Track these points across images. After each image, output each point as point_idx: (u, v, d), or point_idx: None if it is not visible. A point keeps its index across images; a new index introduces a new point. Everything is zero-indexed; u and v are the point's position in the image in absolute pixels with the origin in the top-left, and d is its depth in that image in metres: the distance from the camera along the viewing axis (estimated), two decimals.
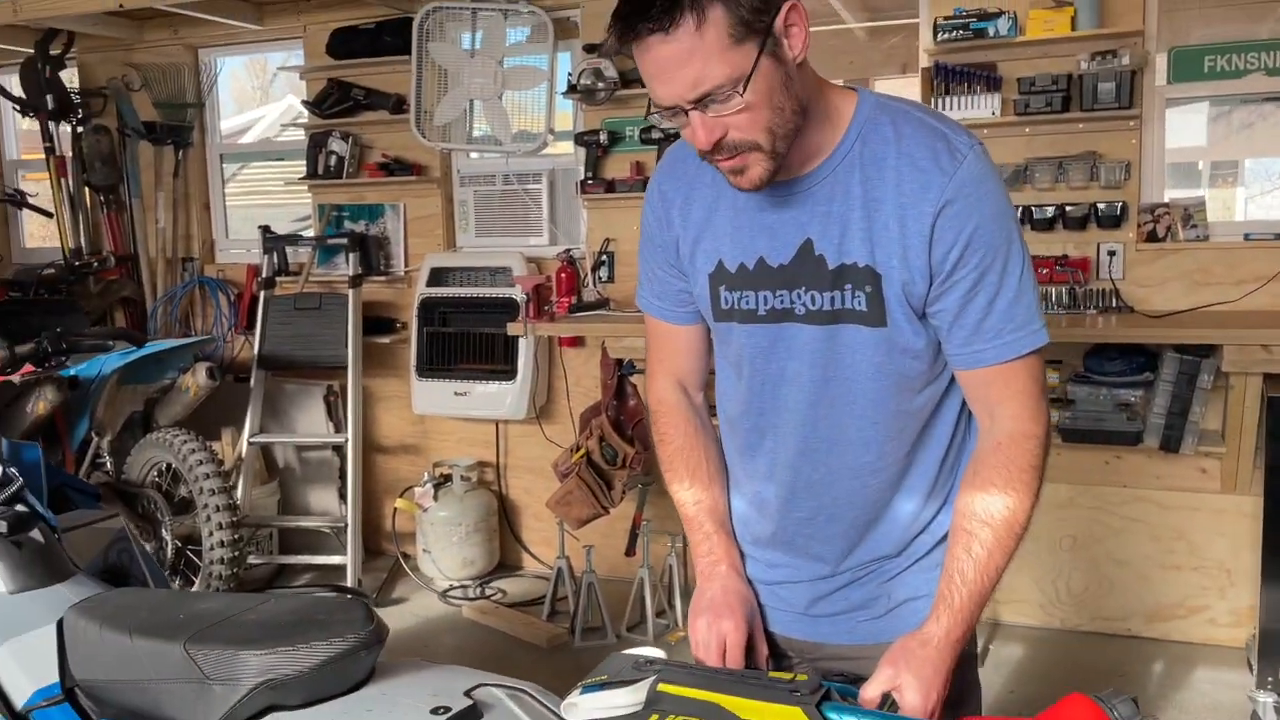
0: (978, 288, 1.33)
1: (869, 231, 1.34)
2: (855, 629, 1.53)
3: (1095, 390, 3.67)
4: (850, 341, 1.39)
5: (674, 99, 1.25)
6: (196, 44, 5.14)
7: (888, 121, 1.35)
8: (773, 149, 1.29)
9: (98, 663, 1.66)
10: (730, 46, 1.21)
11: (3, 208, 5.62)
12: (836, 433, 1.44)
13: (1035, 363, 1.38)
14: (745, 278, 1.43)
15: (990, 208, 1.33)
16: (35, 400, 3.89)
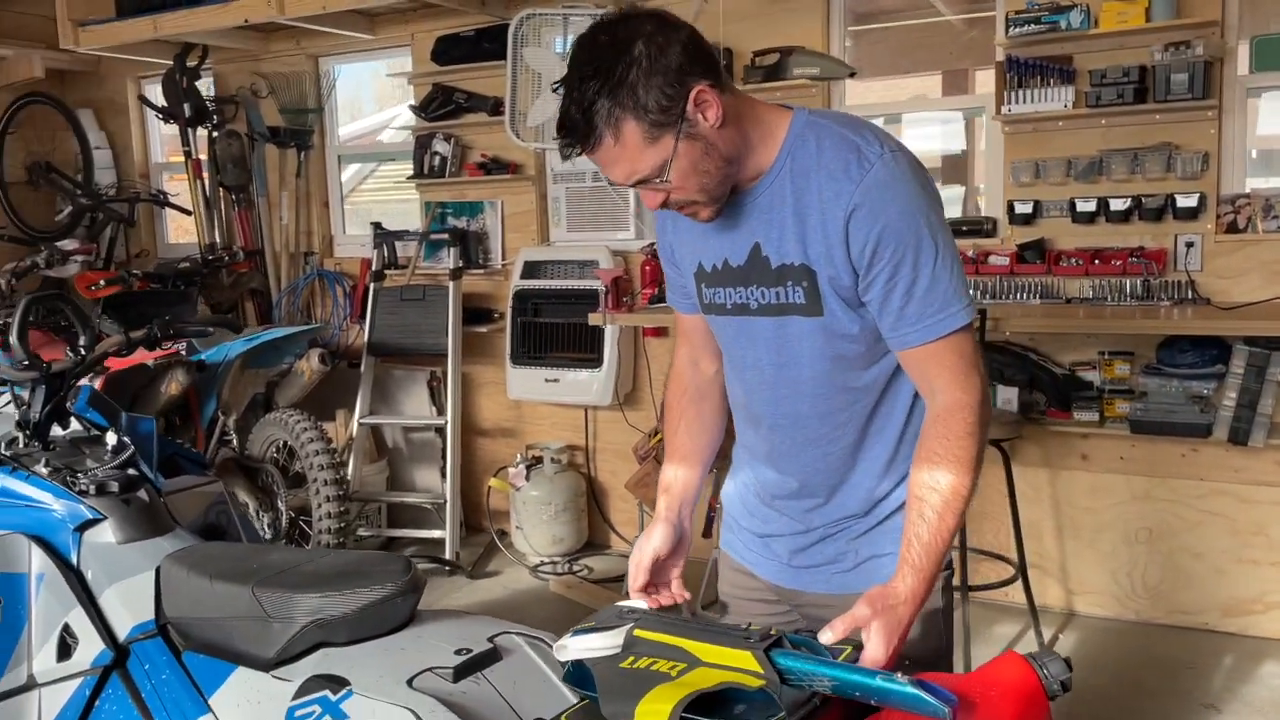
0: (895, 279, 1.50)
1: (801, 234, 1.54)
2: (829, 579, 1.73)
3: (1166, 382, 3.67)
4: (796, 331, 1.60)
5: (618, 182, 1.52)
6: (317, 53, 5.53)
7: (812, 138, 1.54)
8: (709, 199, 1.53)
9: (184, 602, 1.94)
10: (648, 146, 1.45)
11: (149, 207, 6.15)
12: (795, 409, 1.65)
13: (960, 339, 1.52)
14: (717, 276, 1.66)
15: (898, 208, 1.49)
16: (168, 382, 4.32)
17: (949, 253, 1.52)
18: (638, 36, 1.43)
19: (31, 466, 2.18)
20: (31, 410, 2.27)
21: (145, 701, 1.91)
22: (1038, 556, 4.07)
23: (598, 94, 1.41)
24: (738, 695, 1.32)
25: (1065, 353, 3.98)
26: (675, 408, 1.86)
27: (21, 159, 5.91)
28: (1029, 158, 3.96)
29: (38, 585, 2.04)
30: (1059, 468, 4.03)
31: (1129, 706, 3.37)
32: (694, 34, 1.48)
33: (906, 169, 1.51)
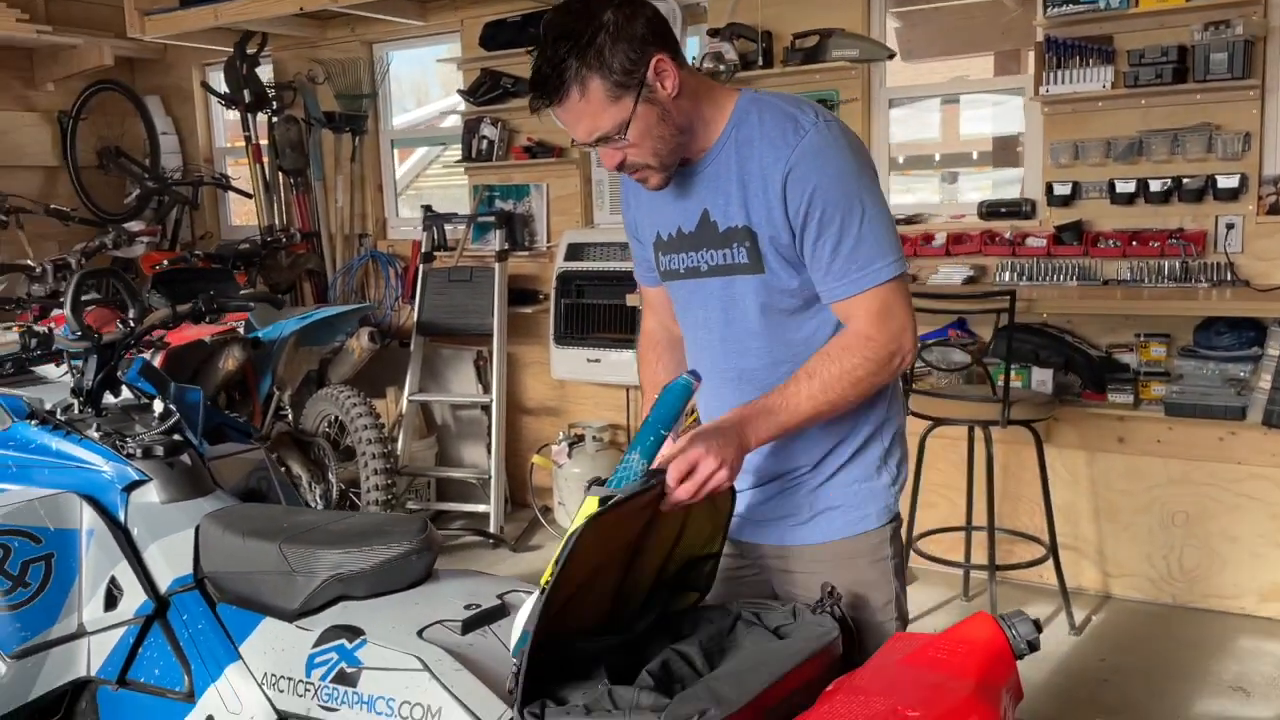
0: (824, 236, 1.65)
1: (744, 199, 1.69)
2: (784, 533, 1.84)
3: (1203, 364, 3.64)
4: (741, 288, 1.75)
5: (580, 140, 1.67)
6: (371, 40, 5.67)
7: (755, 111, 1.70)
8: (661, 165, 1.69)
9: (219, 557, 2.08)
10: (610, 104, 1.60)
11: (213, 190, 6.37)
12: (742, 363, 1.78)
13: (885, 292, 1.66)
14: (672, 243, 1.82)
15: (830, 171, 1.64)
16: (225, 358, 4.50)
17: (877, 212, 1.66)
18: (607, 7, 1.60)
19: (84, 431, 2.33)
20: (85, 378, 2.43)
21: (183, 649, 2.05)
22: (1073, 539, 4.07)
23: (568, 54, 1.57)
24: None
25: (1102, 335, 3.97)
26: (651, 353, 2.03)
27: (93, 144, 6.16)
28: (1068, 139, 3.94)
29: (88, 541, 2.19)
30: (1095, 450, 4.02)
31: (1159, 688, 3.38)
32: (657, 13, 1.65)
33: (839, 136, 1.66)
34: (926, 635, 1.53)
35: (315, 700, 1.80)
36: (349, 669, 1.78)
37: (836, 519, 1.79)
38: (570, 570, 1.44)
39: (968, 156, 7.28)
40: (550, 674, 1.48)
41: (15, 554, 2.12)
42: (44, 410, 2.41)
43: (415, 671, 1.70)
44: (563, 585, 1.44)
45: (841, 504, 1.79)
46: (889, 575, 1.82)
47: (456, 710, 1.64)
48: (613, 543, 1.54)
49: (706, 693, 1.40)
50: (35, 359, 2.60)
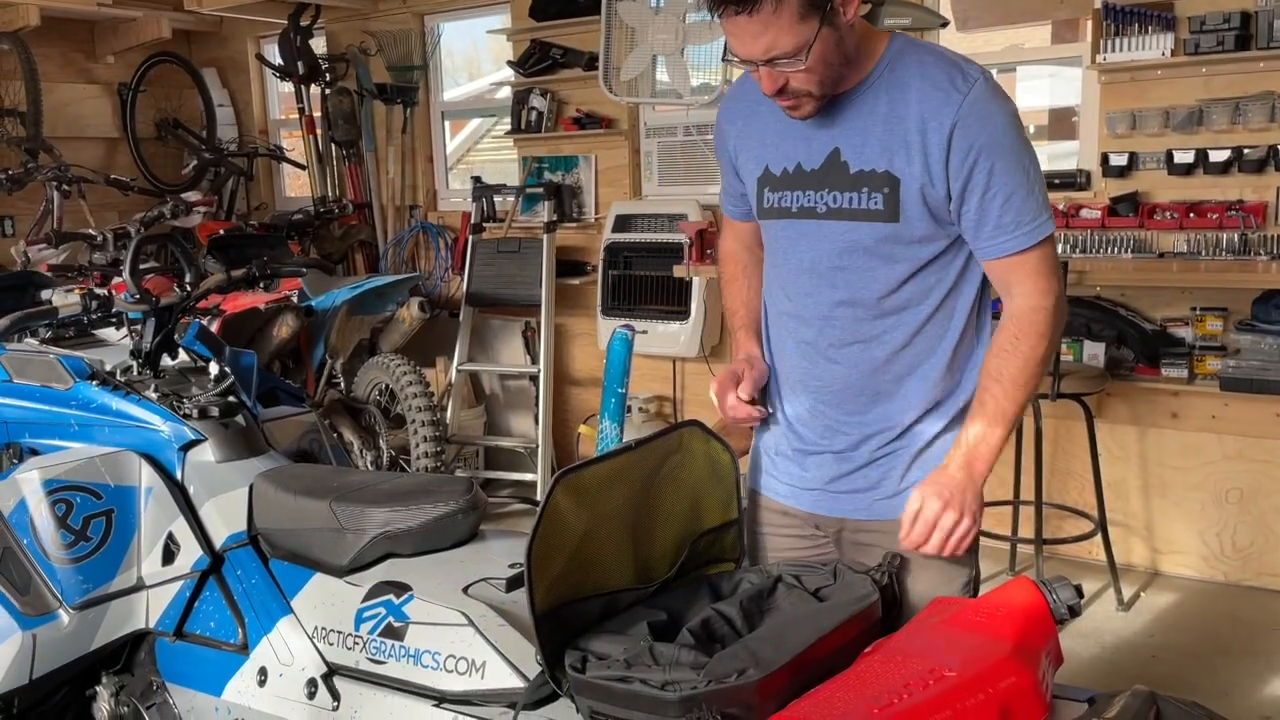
0: (992, 189, 1.60)
1: (889, 143, 1.62)
2: (871, 506, 1.78)
3: (1261, 339, 3.57)
4: (863, 235, 1.67)
5: (749, 57, 1.58)
6: (422, 11, 5.70)
7: (914, 54, 1.65)
8: (821, 94, 1.62)
9: (271, 515, 2.13)
10: (798, 22, 1.52)
11: (268, 162, 6.46)
12: (851, 310, 1.72)
13: (1046, 248, 1.64)
14: (785, 180, 1.74)
15: (998, 124, 1.59)
16: (279, 326, 4.59)
17: (1037, 170, 1.63)
18: None
19: (142, 391, 2.40)
20: (143, 341, 2.49)
21: (237, 602, 2.11)
22: (1124, 515, 4.03)
23: None
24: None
25: (1157, 308, 3.90)
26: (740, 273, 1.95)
27: (151, 115, 6.28)
28: (1125, 108, 3.87)
29: (147, 498, 2.26)
30: (1148, 425, 3.96)
31: (1210, 665, 3.34)
32: None
33: (1000, 92, 1.62)
34: (966, 599, 1.53)
35: (364, 653, 1.85)
36: (396, 623, 1.82)
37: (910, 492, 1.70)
38: (549, 533, 1.46)
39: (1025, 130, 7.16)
40: (591, 630, 1.51)
41: (77, 509, 2.20)
42: (104, 371, 2.48)
43: (460, 626, 1.74)
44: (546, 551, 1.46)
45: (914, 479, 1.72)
46: (970, 555, 1.75)
47: (499, 664, 1.68)
48: (602, 506, 1.55)
49: (746, 652, 1.42)
50: (96, 322, 2.68)
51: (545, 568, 1.46)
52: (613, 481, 1.57)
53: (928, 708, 1.28)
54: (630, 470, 1.60)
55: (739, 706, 1.37)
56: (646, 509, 1.63)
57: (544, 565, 1.46)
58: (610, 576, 1.60)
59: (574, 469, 1.51)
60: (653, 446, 1.63)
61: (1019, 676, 1.33)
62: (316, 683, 1.90)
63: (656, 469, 1.63)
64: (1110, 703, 1.37)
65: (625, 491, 1.59)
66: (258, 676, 2.01)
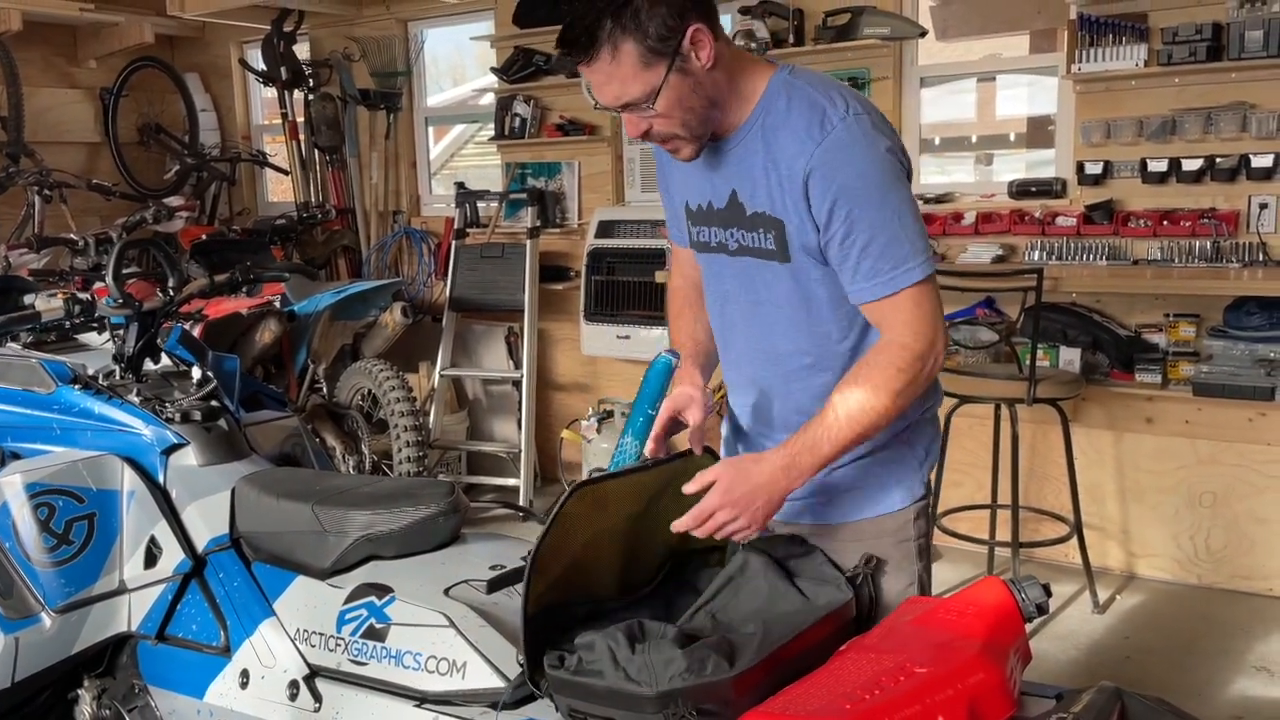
0: (851, 237, 1.58)
1: (769, 186, 1.63)
2: (815, 511, 1.81)
3: (1232, 345, 3.63)
4: (770, 274, 1.70)
5: (604, 104, 1.60)
6: (405, 18, 5.72)
7: (784, 97, 1.63)
8: (691, 135, 1.63)
9: (253, 518, 2.15)
10: (641, 70, 1.54)
11: (251, 166, 6.46)
12: (769, 344, 1.75)
13: (916, 293, 1.59)
14: (703, 215, 1.78)
15: (855, 169, 1.56)
16: (262, 331, 4.60)
17: (906, 210, 1.58)
18: None
19: (125, 395, 2.41)
20: (126, 345, 2.50)
21: (219, 605, 2.12)
22: (1099, 519, 4.08)
23: (603, 12, 1.52)
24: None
25: (1131, 314, 3.96)
26: (686, 308, 1.94)
27: (134, 120, 6.26)
28: (1100, 118, 3.93)
29: (129, 501, 2.27)
30: (1122, 429, 4.01)
31: (1181, 666, 3.39)
32: None
33: (868, 130, 1.58)
34: (937, 599, 1.56)
35: (345, 654, 1.87)
36: (378, 625, 1.84)
37: (862, 499, 1.76)
38: (557, 539, 1.49)
39: (1004, 138, 7.22)
40: (573, 632, 1.53)
41: (59, 513, 2.21)
42: (87, 375, 2.48)
43: (441, 628, 1.76)
44: (551, 556, 1.49)
45: (863, 485, 1.76)
46: (912, 556, 1.78)
47: (480, 664, 1.70)
48: (608, 520, 1.59)
49: (722, 649, 1.45)
50: (78, 326, 2.69)
51: (545, 571, 1.49)
52: (623, 496, 1.61)
53: (898, 703, 1.31)
54: (640, 487, 1.63)
55: (715, 702, 1.40)
56: (645, 524, 1.67)
57: (545, 569, 1.49)
58: (599, 585, 1.64)
59: (592, 481, 1.55)
60: (664, 468, 1.66)
61: (987, 673, 1.36)
62: (298, 684, 1.92)
63: (662, 489, 1.66)
64: (1077, 698, 1.40)
65: (631, 507, 1.63)
66: (240, 679, 2.02)
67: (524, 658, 1.49)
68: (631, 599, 1.68)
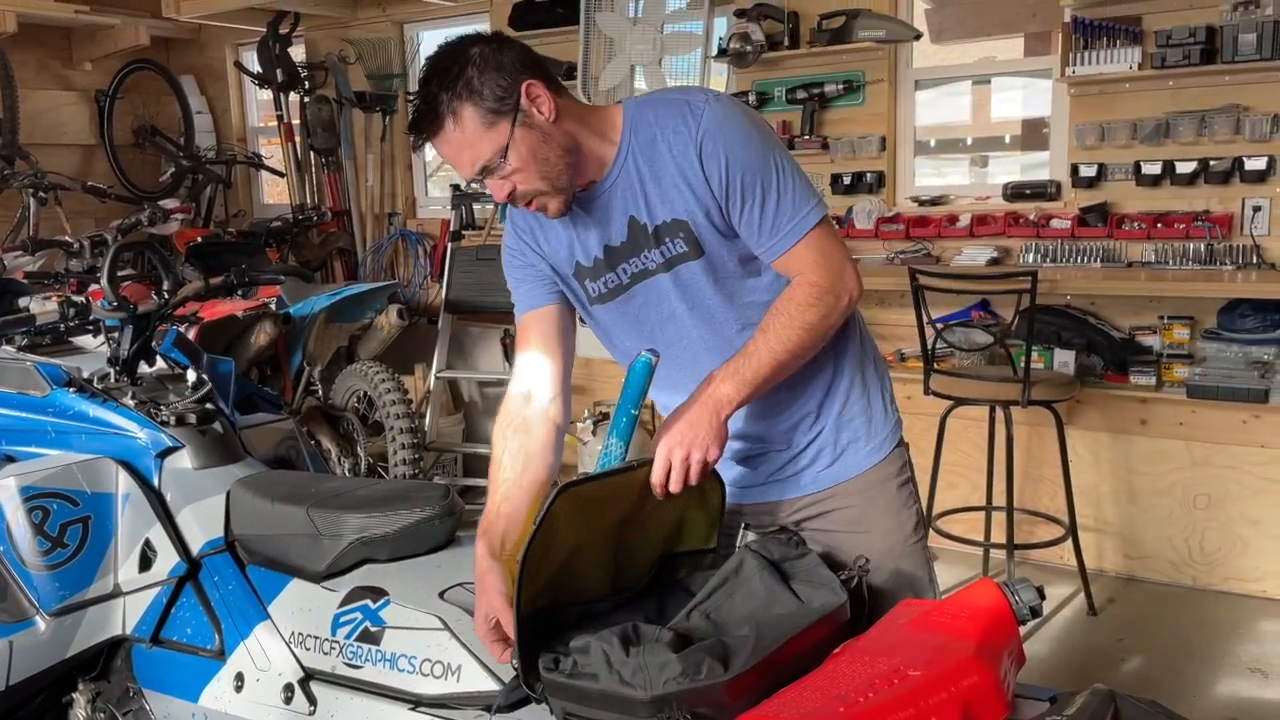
0: (749, 200, 1.69)
1: (662, 194, 1.72)
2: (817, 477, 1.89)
3: (1226, 347, 3.64)
4: (689, 273, 1.76)
5: (467, 174, 1.68)
6: (401, 20, 5.73)
7: (648, 111, 1.73)
8: (555, 188, 1.68)
9: (248, 521, 2.15)
10: (486, 130, 1.62)
11: (246, 169, 6.46)
12: (719, 338, 1.79)
13: (816, 236, 1.71)
14: (600, 265, 1.79)
15: (736, 137, 1.68)
16: (257, 333, 4.59)
17: (788, 164, 1.71)
18: (475, 44, 1.65)
19: (120, 398, 2.41)
20: (121, 348, 2.50)
21: (214, 608, 2.12)
22: (1093, 520, 4.08)
23: (439, 88, 1.61)
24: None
25: (1125, 317, 3.97)
26: (499, 441, 1.85)
27: (129, 123, 6.26)
28: (1094, 120, 3.94)
29: (124, 504, 2.26)
30: (1117, 431, 4.02)
31: (1177, 669, 3.39)
32: (526, 47, 1.70)
33: (730, 106, 1.72)
34: (931, 601, 1.57)
35: (340, 658, 1.87)
36: (373, 628, 1.84)
37: (861, 448, 1.87)
38: (546, 540, 1.49)
39: (999, 140, 7.23)
40: (567, 634, 1.53)
41: (54, 516, 2.20)
42: (82, 378, 2.48)
43: (436, 630, 1.76)
44: (541, 557, 1.50)
45: (863, 435, 1.87)
46: (912, 494, 1.92)
47: (475, 667, 1.70)
48: (597, 521, 1.60)
49: (717, 652, 1.45)
50: (73, 329, 2.68)
51: (536, 574, 1.49)
52: (611, 497, 1.62)
53: (892, 706, 1.31)
54: (628, 488, 1.64)
55: (709, 706, 1.40)
56: (634, 526, 1.68)
57: (535, 571, 1.49)
58: (591, 586, 1.64)
59: (577, 482, 1.55)
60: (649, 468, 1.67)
61: (981, 676, 1.36)
62: (293, 687, 1.91)
63: (650, 489, 1.67)
64: (1070, 701, 1.41)
65: (620, 508, 1.64)
66: (234, 682, 2.02)
67: (519, 661, 1.49)
68: (623, 600, 1.68)
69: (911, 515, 1.91)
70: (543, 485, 1.82)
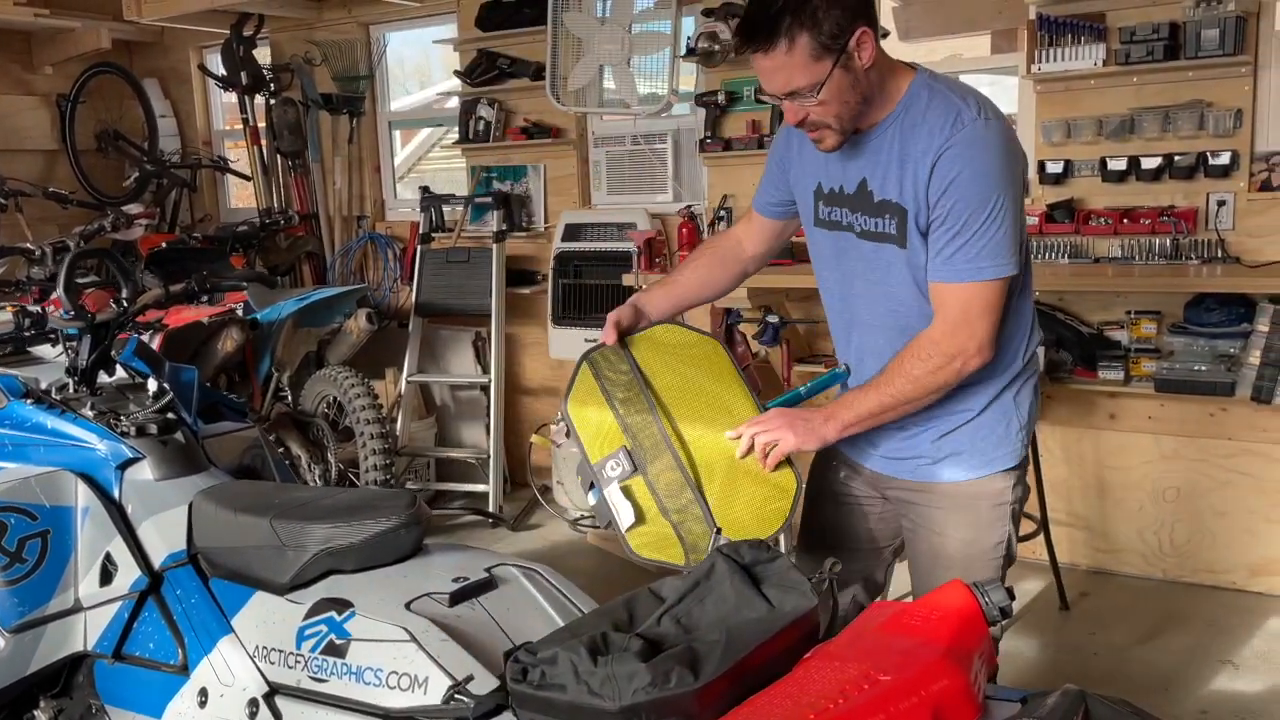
0: (948, 222, 1.77)
1: (900, 177, 1.82)
2: (915, 470, 2.02)
3: (1193, 341, 3.66)
4: (888, 256, 1.89)
5: (771, 92, 1.80)
6: (367, 21, 5.67)
7: (925, 97, 1.81)
8: (840, 128, 1.82)
9: (211, 533, 2.11)
10: (811, 63, 1.73)
11: (212, 173, 6.39)
12: (884, 320, 1.95)
13: (974, 291, 1.78)
14: (833, 197, 1.96)
15: (976, 165, 1.75)
16: (224, 339, 4.54)
17: (1007, 217, 1.75)
18: None
19: (79, 409, 2.36)
20: (79, 357, 2.46)
21: (176, 623, 2.08)
22: (1065, 515, 4.10)
23: (785, 8, 1.70)
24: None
25: (1093, 312, 3.98)
26: (697, 255, 2.21)
27: (91, 127, 6.18)
28: (1060, 117, 3.95)
29: (83, 518, 2.22)
30: (1087, 427, 4.04)
31: (1147, 661, 3.41)
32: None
33: (995, 136, 1.76)
34: (902, 603, 1.55)
35: (305, 671, 1.84)
36: (338, 640, 1.81)
37: (963, 463, 1.95)
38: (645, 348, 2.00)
39: None
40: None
41: (12, 530, 2.16)
42: (39, 389, 2.44)
43: (402, 642, 1.73)
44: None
45: (967, 450, 1.94)
46: (1005, 519, 1.98)
47: (443, 680, 1.67)
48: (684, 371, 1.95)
49: (686, 660, 1.43)
50: (30, 339, 2.63)
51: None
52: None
53: (862, 712, 1.30)
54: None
55: (679, 715, 1.38)
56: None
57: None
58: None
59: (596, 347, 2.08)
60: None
61: (951, 679, 1.36)
62: (258, 702, 1.88)
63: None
64: (1041, 702, 1.40)
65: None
66: (198, 697, 1.98)
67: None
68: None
69: (1000, 533, 1.99)
70: (701, 295, 2.19)
